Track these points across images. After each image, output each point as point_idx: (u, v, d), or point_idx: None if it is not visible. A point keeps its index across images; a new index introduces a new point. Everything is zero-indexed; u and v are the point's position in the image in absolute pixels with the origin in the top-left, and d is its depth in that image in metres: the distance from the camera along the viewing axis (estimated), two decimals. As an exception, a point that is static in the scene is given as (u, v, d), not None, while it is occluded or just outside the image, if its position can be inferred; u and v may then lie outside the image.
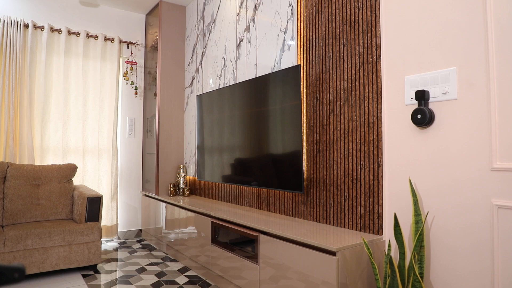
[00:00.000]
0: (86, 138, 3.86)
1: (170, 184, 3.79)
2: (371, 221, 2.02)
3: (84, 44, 3.84)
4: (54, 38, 3.72)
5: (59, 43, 3.73)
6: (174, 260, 3.30)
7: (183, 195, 3.78)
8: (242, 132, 2.87)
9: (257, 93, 2.70)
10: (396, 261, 1.85)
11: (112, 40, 4.00)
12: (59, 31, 3.72)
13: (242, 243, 2.45)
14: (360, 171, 2.09)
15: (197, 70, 3.80)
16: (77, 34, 3.82)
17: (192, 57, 3.93)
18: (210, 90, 3.43)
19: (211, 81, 3.54)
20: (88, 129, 3.87)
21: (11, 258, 2.63)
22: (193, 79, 3.89)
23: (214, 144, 3.24)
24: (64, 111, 3.72)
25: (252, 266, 2.30)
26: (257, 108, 2.70)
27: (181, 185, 3.85)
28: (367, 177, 2.05)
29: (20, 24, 3.48)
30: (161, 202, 3.68)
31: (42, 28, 3.63)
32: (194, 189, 3.86)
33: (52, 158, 3.67)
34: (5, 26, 3.41)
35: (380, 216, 1.97)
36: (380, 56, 2.01)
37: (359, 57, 2.12)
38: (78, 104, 3.80)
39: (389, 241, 1.79)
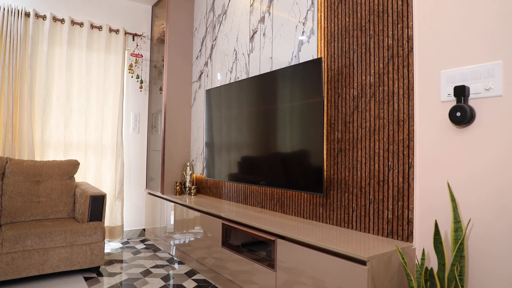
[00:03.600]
0: (89, 134, 3.70)
1: (176, 183, 3.63)
2: (399, 226, 1.87)
3: (88, 35, 3.67)
4: (56, 28, 3.55)
5: (62, 34, 3.56)
6: (181, 262, 3.15)
7: (190, 194, 3.63)
8: (255, 129, 2.71)
9: (273, 88, 2.54)
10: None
11: (117, 31, 3.84)
12: (62, 20, 3.56)
13: (256, 247, 2.30)
14: (388, 173, 1.94)
15: (206, 64, 3.64)
16: (81, 24, 3.65)
17: (200, 50, 3.76)
18: (220, 85, 3.27)
19: (219, 76, 3.38)
20: (91, 124, 3.71)
21: (9, 260, 2.48)
22: (201, 73, 3.72)
23: (224, 142, 3.09)
24: (66, 104, 3.56)
25: (268, 273, 2.15)
26: (273, 104, 2.55)
27: (188, 184, 3.70)
28: (395, 179, 1.90)
29: (21, 13, 3.32)
30: (166, 201, 3.53)
31: (44, 17, 3.46)
32: (201, 188, 3.71)
33: (53, 153, 3.51)
34: (6, 14, 3.24)
35: (410, 222, 1.82)
36: (412, 48, 1.86)
37: (388, 50, 1.97)
38: (81, 98, 3.64)
39: (423, 250, 1.64)
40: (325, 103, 2.30)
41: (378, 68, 2.01)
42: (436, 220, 1.50)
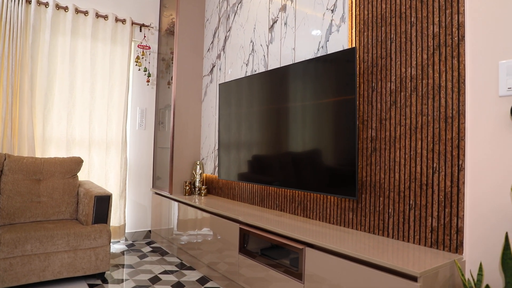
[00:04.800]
0: (93, 129, 3.48)
1: (186, 182, 3.42)
2: (446, 236, 1.67)
3: (93, 24, 3.45)
4: (59, 16, 3.33)
5: (65, 22, 3.34)
6: (191, 268, 2.94)
7: (200, 194, 3.42)
8: (277, 126, 2.51)
9: (299, 81, 2.33)
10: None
11: (123, 21, 3.62)
12: (66, 8, 3.34)
13: (278, 254, 2.10)
14: (433, 176, 1.74)
15: (219, 57, 3.43)
16: (86, 13, 3.44)
17: (212, 42, 3.55)
18: (234, 78, 3.06)
19: (233, 69, 3.17)
20: (95, 119, 3.49)
21: (7, 266, 2.26)
22: (213, 66, 3.51)
23: (241, 139, 2.88)
24: (69, 98, 3.35)
25: (294, 284, 1.95)
26: (298, 98, 2.34)
27: (197, 184, 3.49)
28: (442, 183, 1.70)
29: (22, -1, 3.10)
30: (175, 202, 3.32)
31: (46, 4, 3.24)
32: (212, 188, 3.50)
33: (54, 150, 3.30)
34: (5, 1, 3.02)
35: (459, 231, 1.62)
36: (463, 37, 1.65)
37: (433, 39, 1.76)
38: (85, 91, 3.42)
39: (480, 264, 1.44)
40: (357, 97, 2.09)
41: (421, 59, 1.81)
42: (506, 233, 1.30)
